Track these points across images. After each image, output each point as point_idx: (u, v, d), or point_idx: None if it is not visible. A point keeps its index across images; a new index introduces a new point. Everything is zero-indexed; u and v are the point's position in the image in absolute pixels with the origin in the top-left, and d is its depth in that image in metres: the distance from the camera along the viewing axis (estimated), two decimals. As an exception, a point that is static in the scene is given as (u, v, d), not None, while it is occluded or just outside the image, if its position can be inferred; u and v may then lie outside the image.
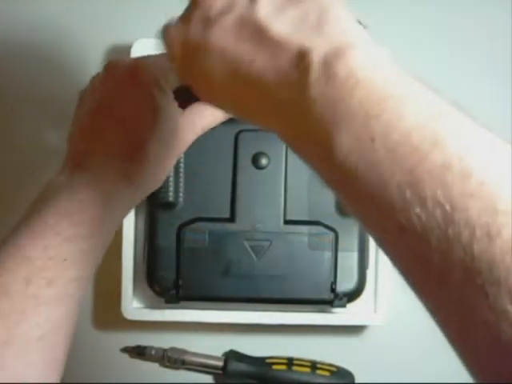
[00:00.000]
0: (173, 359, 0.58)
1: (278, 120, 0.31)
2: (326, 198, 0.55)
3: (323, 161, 0.29)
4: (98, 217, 0.39)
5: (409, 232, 0.26)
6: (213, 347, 0.58)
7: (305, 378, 0.56)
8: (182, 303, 0.55)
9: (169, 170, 0.43)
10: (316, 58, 0.28)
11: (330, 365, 0.57)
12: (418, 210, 0.25)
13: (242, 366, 0.57)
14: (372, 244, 0.57)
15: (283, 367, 0.56)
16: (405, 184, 0.26)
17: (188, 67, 0.34)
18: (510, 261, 0.24)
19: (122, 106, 0.41)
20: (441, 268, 0.25)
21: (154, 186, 0.43)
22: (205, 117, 0.44)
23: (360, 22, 0.52)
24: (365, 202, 0.28)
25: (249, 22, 0.30)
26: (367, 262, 0.56)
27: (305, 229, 0.54)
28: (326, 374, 0.56)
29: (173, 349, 0.58)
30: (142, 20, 0.62)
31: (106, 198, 0.39)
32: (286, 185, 0.55)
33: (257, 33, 0.30)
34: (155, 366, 0.58)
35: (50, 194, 0.39)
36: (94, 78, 0.44)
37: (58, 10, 0.62)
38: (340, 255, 0.54)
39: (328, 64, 0.28)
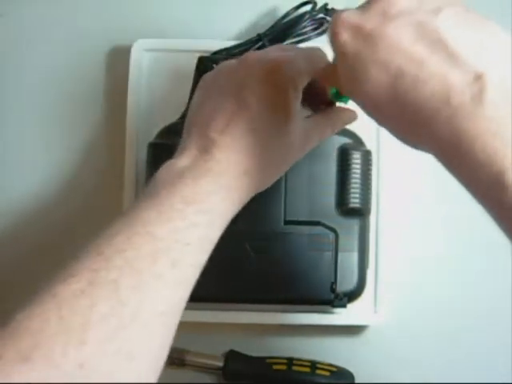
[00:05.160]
0: (173, 359, 0.58)
1: (435, 133, 0.31)
2: (326, 198, 0.55)
3: (493, 192, 0.30)
4: (220, 208, 0.39)
5: None
6: (213, 347, 0.58)
7: (305, 378, 0.56)
8: (182, 303, 0.55)
9: (285, 170, 0.44)
10: (493, 79, 0.30)
11: (330, 365, 0.57)
12: None
13: (242, 366, 0.57)
14: (372, 244, 0.57)
15: (283, 367, 0.56)
16: None
17: (350, 53, 0.34)
18: None
19: (255, 103, 0.41)
20: None
21: (268, 183, 0.43)
22: (332, 123, 0.45)
23: None
24: None
25: (430, 28, 0.32)
26: (367, 262, 0.56)
27: (305, 229, 0.54)
28: (326, 373, 0.56)
29: (173, 349, 0.58)
30: (142, 20, 0.62)
31: (226, 192, 0.40)
32: (286, 185, 0.55)
33: (436, 40, 0.31)
34: (155, 365, 0.58)
35: (174, 176, 0.39)
36: (224, 64, 0.44)
37: (57, 10, 0.62)
38: (340, 255, 0.54)
39: (506, 87, 0.30)
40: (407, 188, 0.60)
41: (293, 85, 0.41)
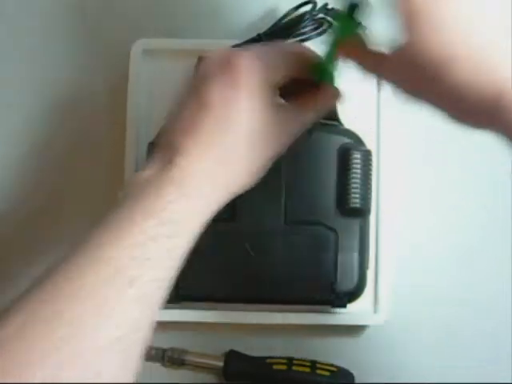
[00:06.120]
0: (173, 359, 0.58)
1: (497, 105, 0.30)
2: (326, 198, 0.55)
3: None
4: (184, 217, 0.38)
5: None
6: (213, 347, 0.58)
7: (305, 378, 0.56)
8: (182, 303, 0.55)
9: (260, 173, 0.42)
10: None
11: (330, 365, 0.57)
12: None
13: (242, 366, 0.57)
14: (372, 244, 0.57)
15: (283, 367, 0.56)
16: None
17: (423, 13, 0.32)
18: None
19: (216, 102, 0.39)
20: None
21: (240, 189, 0.42)
22: (307, 112, 0.43)
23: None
24: None
25: None
26: (367, 262, 0.56)
27: (305, 229, 0.54)
28: (326, 373, 0.56)
29: (173, 349, 0.58)
30: (142, 20, 0.62)
31: (192, 199, 0.39)
32: (286, 185, 0.55)
33: None
34: (155, 365, 0.58)
35: (137, 189, 0.38)
36: (195, 67, 0.44)
37: (57, 10, 0.62)
38: (340, 255, 0.54)
39: None
40: (407, 188, 0.60)
41: (261, 85, 0.40)
